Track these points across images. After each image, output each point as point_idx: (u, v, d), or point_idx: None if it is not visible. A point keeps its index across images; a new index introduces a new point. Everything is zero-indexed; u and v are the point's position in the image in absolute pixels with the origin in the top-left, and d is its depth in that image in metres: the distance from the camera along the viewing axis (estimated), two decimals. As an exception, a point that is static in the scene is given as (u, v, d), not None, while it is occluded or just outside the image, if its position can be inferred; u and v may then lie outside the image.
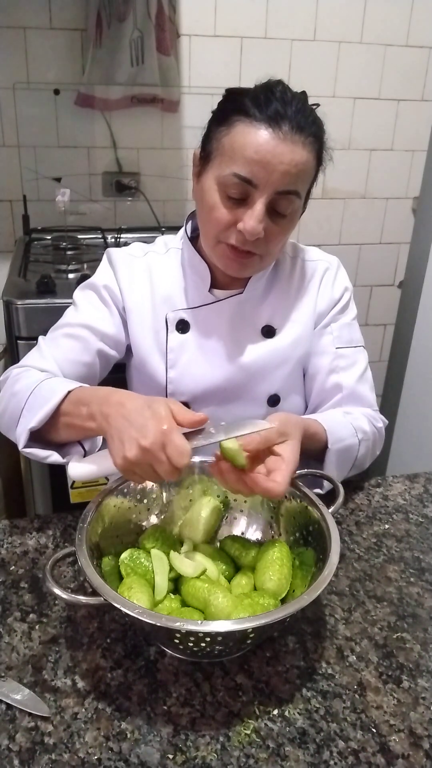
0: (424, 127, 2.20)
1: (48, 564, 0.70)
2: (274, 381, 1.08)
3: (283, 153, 0.87)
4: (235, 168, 0.89)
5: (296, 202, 0.92)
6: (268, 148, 0.87)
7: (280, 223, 0.93)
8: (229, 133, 0.90)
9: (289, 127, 0.87)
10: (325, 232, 2.28)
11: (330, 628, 0.79)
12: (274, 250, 0.97)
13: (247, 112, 0.88)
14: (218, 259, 0.98)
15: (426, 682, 0.72)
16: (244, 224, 0.90)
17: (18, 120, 1.87)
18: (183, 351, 1.06)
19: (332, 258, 1.12)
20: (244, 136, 0.88)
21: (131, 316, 1.06)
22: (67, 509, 0.99)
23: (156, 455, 0.70)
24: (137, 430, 0.71)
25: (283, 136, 0.87)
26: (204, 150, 0.96)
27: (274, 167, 0.87)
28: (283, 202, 0.91)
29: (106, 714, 0.67)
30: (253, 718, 0.67)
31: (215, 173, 0.92)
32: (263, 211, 0.89)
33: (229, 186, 0.90)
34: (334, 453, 0.95)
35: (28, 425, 0.86)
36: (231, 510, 0.90)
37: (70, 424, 0.85)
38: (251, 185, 0.89)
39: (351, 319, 1.11)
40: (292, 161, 0.87)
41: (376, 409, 1.11)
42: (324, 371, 1.08)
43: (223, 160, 0.91)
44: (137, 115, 1.93)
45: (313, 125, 0.90)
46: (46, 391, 0.88)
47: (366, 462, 1.06)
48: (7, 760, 0.62)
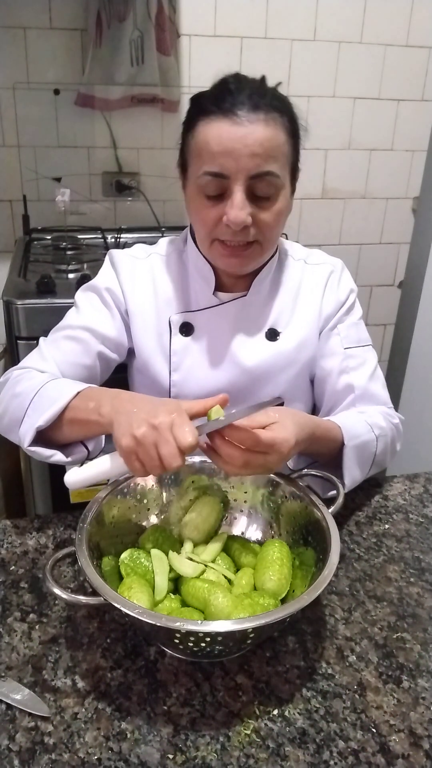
0: (424, 127, 2.20)
1: (48, 564, 0.70)
2: (279, 384, 1.07)
3: (244, 136, 0.87)
4: (204, 167, 0.90)
5: (276, 182, 0.91)
6: (228, 137, 0.87)
7: (266, 206, 0.92)
8: (195, 136, 0.92)
9: (246, 109, 0.87)
10: (325, 232, 2.28)
11: (330, 628, 0.79)
12: (270, 234, 0.96)
13: (205, 111, 0.90)
14: (216, 259, 0.99)
15: (426, 682, 0.72)
16: (228, 216, 0.90)
17: (18, 120, 1.87)
18: (187, 354, 1.06)
19: (336, 260, 1.12)
20: (205, 133, 0.89)
21: (134, 318, 1.06)
22: (67, 509, 0.99)
23: (163, 434, 0.70)
24: (147, 412, 0.73)
25: (240, 120, 0.87)
26: (182, 161, 0.98)
27: (239, 152, 0.87)
28: (261, 185, 0.90)
29: (106, 714, 0.67)
30: (253, 718, 0.67)
31: (193, 179, 0.94)
32: (242, 198, 0.90)
33: (205, 185, 0.91)
34: (351, 449, 0.94)
35: (36, 424, 0.86)
36: (231, 510, 0.90)
37: (75, 419, 0.85)
38: (224, 177, 0.89)
39: (357, 319, 1.11)
40: (256, 141, 0.87)
41: (391, 406, 1.11)
42: (335, 373, 1.08)
43: (195, 163, 0.92)
44: (137, 115, 1.94)
45: (273, 100, 0.90)
46: (53, 392, 0.89)
47: (386, 459, 1.05)
48: (7, 760, 0.62)
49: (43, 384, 0.91)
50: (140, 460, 0.72)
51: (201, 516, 0.85)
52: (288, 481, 0.85)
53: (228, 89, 0.89)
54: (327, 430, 0.91)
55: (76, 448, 0.90)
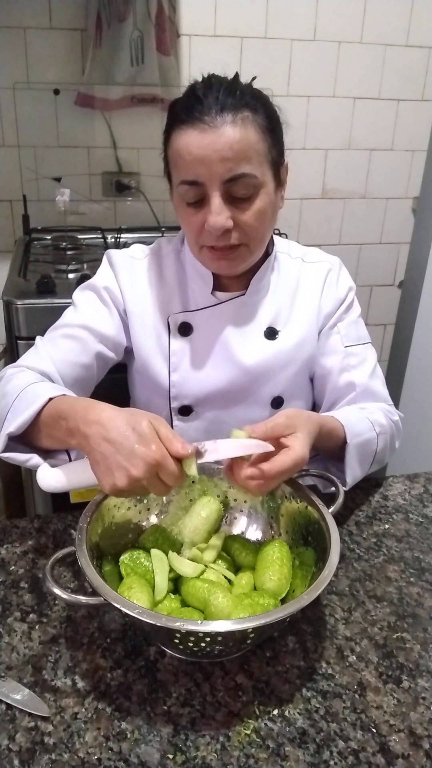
0: (424, 127, 2.20)
1: (48, 564, 0.70)
2: (278, 383, 1.07)
3: (212, 142, 0.87)
4: (181, 176, 0.91)
5: (253, 182, 0.90)
6: (197, 144, 0.87)
7: (245, 206, 0.92)
8: (171, 146, 0.93)
9: (213, 113, 0.87)
10: (325, 232, 2.27)
11: (330, 628, 0.79)
12: (255, 234, 0.95)
13: (178, 120, 0.90)
14: (206, 263, 1.00)
15: (426, 682, 0.72)
16: (207, 222, 0.91)
17: (18, 120, 1.87)
18: (185, 354, 1.06)
19: (334, 258, 1.12)
20: (177, 143, 0.90)
21: (133, 319, 1.06)
22: (67, 509, 0.99)
23: (150, 482, 0.70)
24: (125, 458, 0.69)
25: (207, 126, 0.87)
26: (166, 170, 0.99)
27: (209, 159, 0.87)
28: (238, 187, 0.90)
29: (106, 714, 0.67)
30: (253, 718, 0.67)
31: (174, 187, 0.95)
32: (220, 203, 0.90)
33: (184, 194, 0.92)
34: (353, 448, 0.94)
35: (7, 430, 0.84)
36: (231, 510, 0.90)
37: (51, 435, 0.83)
38: (198, 185, 0.90)
39: (356, 316, 1.12)
40: (225, 144, 0.87)
41: (391, 403, 1.11)
42: (336, 371, 1.08)
43: (174, 173, 0.94)
44: (137, 115, 1.93)
45: (240, 99, 0.88)
46: (29, 396, 0.86)
47: (386, 456, 1.06)
48: (7, 760, 0.62)
49: (25, 387, 0.89)
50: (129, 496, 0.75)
51: (201, 516, 0.85)
52: (288, 481, 0.85)
53: (196, 96, 0.89)
54: (331, 429, 0.91)
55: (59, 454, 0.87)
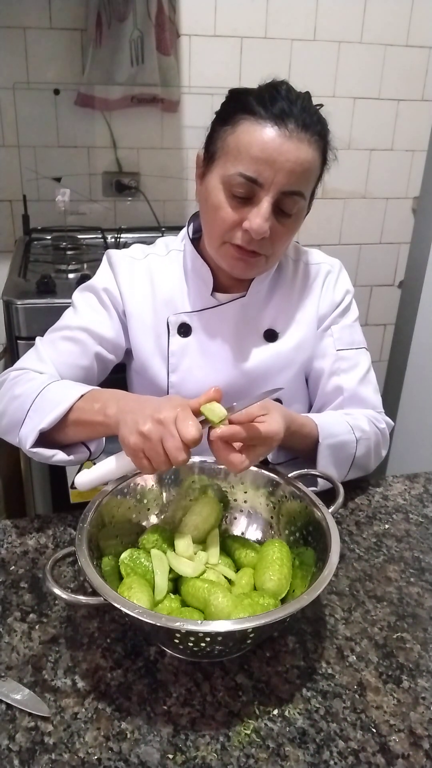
0: (424, 127, 2.20)
1: (48, 564, 0.70)
2: (277, 385, 1.07)
3: (288, 150, 0.87)
4: (240, 167, 0.88)
5: (301, 202, 0.92)
6: (274, 146, 0.86)
7: (285, 223, 0.93)
8: (234, 132, 0.89)
9: (295, 125, 0.87)
10: (325, 232, 2.27)
11: (330, 628, 0.79)
12: (278, 250, 0.96)
13: (252, 111, 0.88)
14: (223, 259, 0.98)
15: (426, 682, 0.72)
16: (251, 222, 0.90)
17: (18, 120, 1.87)
18: (185, 355, 1.06)
19: (334, 261, 1.12)
20: (249, 134, 0.88)
21: (132, 319, 1.06)
22: (67, 509, 0.99)
23: (168, 428, 0.72)
24: (152, 408, 0.75)
25: (288, 134, 0.87)
26: (207, 151, 0.95)
27: (280, 165, 0.87)
28: (288, 202, 0.91)
29: (106, 714, 0.67)
30: (253, 718, 0.67)
31: (220, 173, 0.91)
32: (269, 209, 0.89)
33: (235, 185, 0.90)
34: (326, 448, 0.95)
35: (38, 426, 0.86)
36: (231, 510, 0.90)
37: (79, 420, 0.86)
38: (257, 184, 0.89)
39: (352, 321, 1.11)
40: (297, 159, 0.87)
41: (381, 410, 1.10)
42: (325, 374, 1.08)
43: (228, 160, 0.90)
44: (137, 115, 1.93)
45: (318, 124, 0.90)
46: (55, 394, 0.89)
47: (370, 463, 1.06)
48: (7, 760, 0.62)
49: (44, 386, 0.91)
50: (147, 456, 0.74)
51: (201, 516, 0.85)
52: (288, 481, 0.85)
53: (280, 96, 0.88)
54: (301, 425, 0.92)
55: (79, 448, 0.91)
